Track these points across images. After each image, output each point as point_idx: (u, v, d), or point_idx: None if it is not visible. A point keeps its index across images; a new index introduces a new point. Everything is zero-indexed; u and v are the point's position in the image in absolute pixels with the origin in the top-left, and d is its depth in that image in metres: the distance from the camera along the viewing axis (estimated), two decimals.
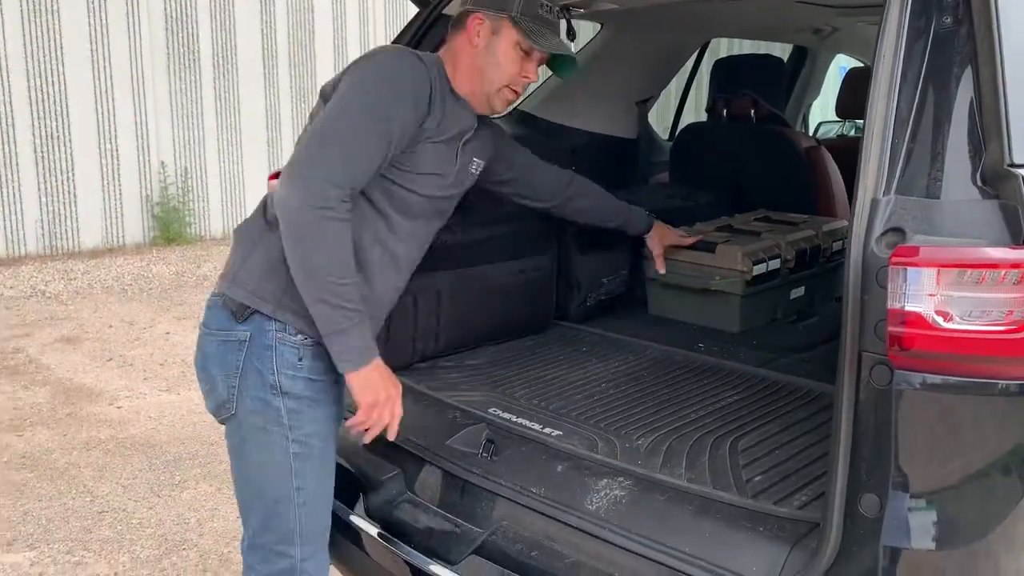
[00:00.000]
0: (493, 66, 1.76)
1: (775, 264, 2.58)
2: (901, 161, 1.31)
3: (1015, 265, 1.16)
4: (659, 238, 2.51)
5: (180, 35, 8.23)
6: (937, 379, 1.19)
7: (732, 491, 1.58)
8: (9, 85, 7.25)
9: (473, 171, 1.90)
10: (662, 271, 2.56)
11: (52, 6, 7.39)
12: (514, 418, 1.92)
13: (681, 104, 3.87)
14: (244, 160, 8.77)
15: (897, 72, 1.34)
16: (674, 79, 3.56)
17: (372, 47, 2.44)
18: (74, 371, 4.85)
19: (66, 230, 7.70)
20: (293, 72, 9.00)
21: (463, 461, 1.81)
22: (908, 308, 1.18)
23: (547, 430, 1.86)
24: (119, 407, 4.34)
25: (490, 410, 1.96)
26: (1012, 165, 1.23)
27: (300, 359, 1.66)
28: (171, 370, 4.90)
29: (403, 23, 2.53)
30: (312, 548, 1.72)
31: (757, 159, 3.10)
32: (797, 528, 1.44)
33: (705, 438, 1.83)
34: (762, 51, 3.93)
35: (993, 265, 1.16)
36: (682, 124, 3.75)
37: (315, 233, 1.54)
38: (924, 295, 1.17)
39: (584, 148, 2.93)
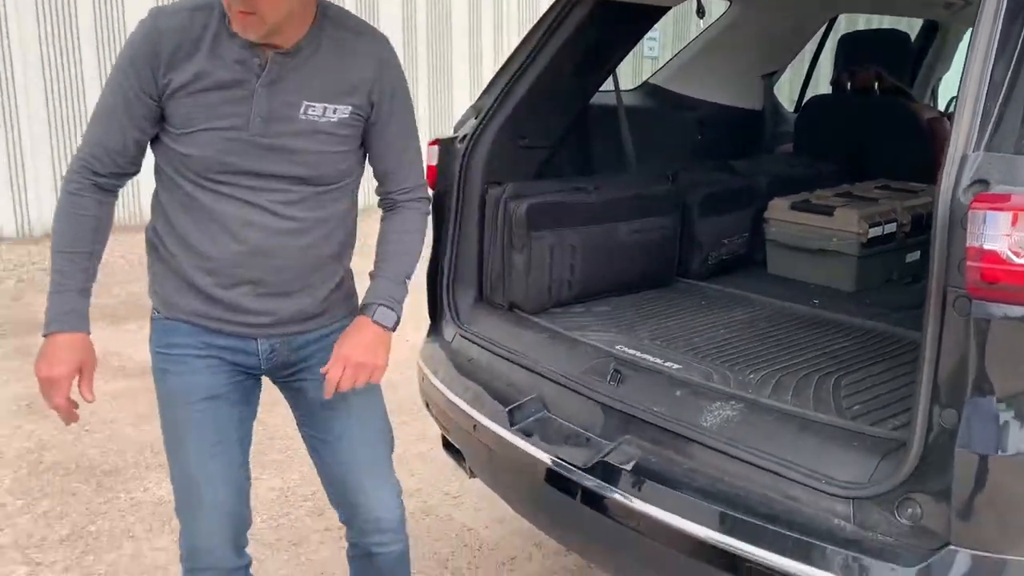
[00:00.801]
0: None
1: (891, 228, 2.73)
2: (992, 122, 1.49)
3: None
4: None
5: None
6: (1010, 309, 1.38)
7: (832, 415, 1.80)
8: None
9: (306, 116, 1.70)
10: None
11: None
12: (638, 354, 2.19)
13: (807, 77, 3.99)
14: None
15: (994, 43, 1.52)
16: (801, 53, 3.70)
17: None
18: None
19: None
20: (431, 36, 9.38)
21: (592, 387, 2.10)
22: (986, 247, 1.37)
23: (667, 364, 2.12)
24: None
25: (616, 347, 2.24)
26: None
27: (154, 332, 1.82)
28: None
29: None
30: (179, 506, 1.86)
31: (879, 130, 3.22)
32: (888, 445, 1.65)
33: (812, 375, 2.05)
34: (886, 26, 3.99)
35: None
36: (807, 97, 3.88)
37: (58, 205, 1.71)
38: (1000, 236, 1.36)
39: (710, 119, 3.14)
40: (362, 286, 1.93)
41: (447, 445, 2.64)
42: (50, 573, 2.76)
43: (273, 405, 2.38)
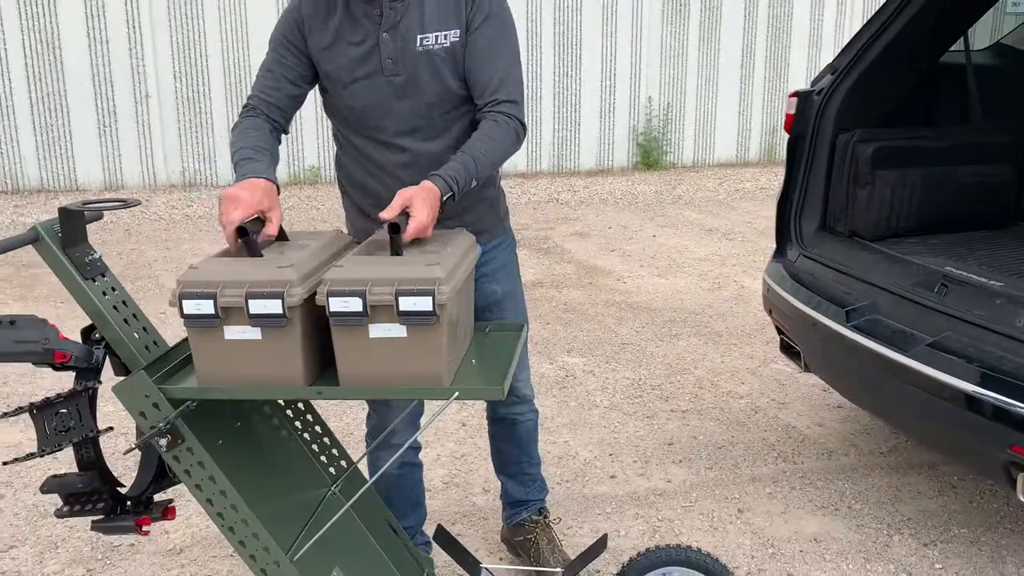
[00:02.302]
0: None
1: None
2: None
3: None
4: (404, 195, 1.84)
5: None
6: None
7: None
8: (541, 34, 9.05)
9: (426, 46, 1.90)
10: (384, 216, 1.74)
11: None
12: (964, 273, 2.61)
13: None
14: (719, 97, 9.77)
15: None
16: None
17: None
18: (588, 255, 6.30)
19: (569, 152, 9.43)
20: (771, 12, 9.69)
21: (921, 294, 2.57)
22: None
23: (991, 282, 2.53)
24: (624, 282, 5.65)
25: (945, 267, 2.67)
26: None
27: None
28: (660, 262, 6.13)
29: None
30: None
31: None
32: None
33: None
34: None
35: None
36: None
37: (233, 132, 1.95)
38: None
39: None
40: None
41: (785, 347, 3.22)
42: (451, 408, 3.75)
43: (620, 320, 3.00)
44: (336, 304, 1.50)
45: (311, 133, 8.41)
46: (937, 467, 3.21)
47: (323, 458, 2.07)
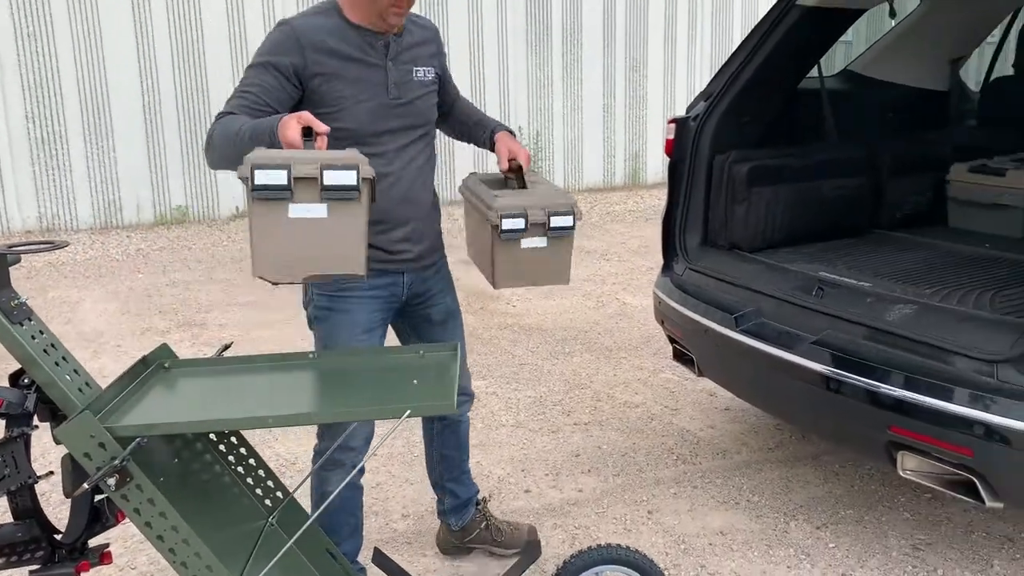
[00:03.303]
0: None
1: None
2: None
3: None
4: (501, 145, 2.43)
5: (536, 13, 9.77)
6: None
7: (986, 311, 2.45)
8: None
9: (419, 78, 2.24)
10: (504, 167, 2.39)
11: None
12: (837, 276, 2.89)
13: (993, 60, 4.43)
14: (584, 125, 10.17)
15: None
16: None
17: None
18: (477, 282, 6.37)
19: (448, 183, 9.57)
20: (628, 43, 10.20)
21: (801, 298, 2.83)
22: None
23: (860, 283, 2.81)
24: (514, 306, 5.80)
25: (820, 272, 2.95)
26: None
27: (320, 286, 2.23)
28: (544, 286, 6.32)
29: None
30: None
31: None
32: None
33: (975, 290, 2.69)
34: None
35: None
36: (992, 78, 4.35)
37: (214, 130, 2.01)
38: None
39: (901, 99, 3.74)
40: None
41: (678, 355, 3.44)
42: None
43: (515, 342, 3.14)
44: (509, 224, 2.02)
45: (176, 171, 8.19)
46: (820, 458, 3.49)
47: (259, 490, 2.08)
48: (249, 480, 2.07)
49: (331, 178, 1.64)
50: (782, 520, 3.05)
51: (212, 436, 2.02)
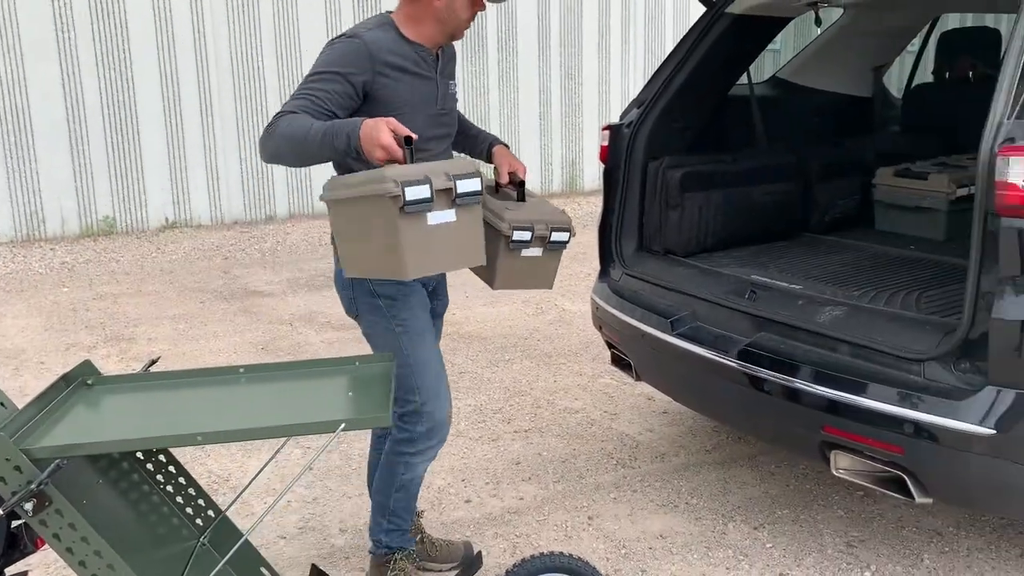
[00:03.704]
0: (452, 15, 2.29)
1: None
2: (1022, 99, 2.18)
3: None
4: (502, 164, 2.57)
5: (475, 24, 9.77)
6: None
7: (913, 311, 2.52)
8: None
9: (452, 91, 2.44)
10: (504, 180, 2.54)
11: (254, 10, 9.14)
12: (769, 280, 2.94)
13: (914, 68, 4.59)
14: (521, 133, 10.20)
15: None
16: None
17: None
18: None
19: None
20: (563, 51, 10.27)
21: (734, 301, 2.86)
22: (1009, 180, 2.08)
23: (792, 286, 2.87)
24: (453, 314, 5.76)
25: (752, 276, 3.00)
26: None
27: None
28: (486, 292, 6.30)
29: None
30: (427, 395, 2.35)
31: (973, 112, 3.82)
32: (949, 326, 2.36)
33: (901, 291, 2.76)
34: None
35: None
36: (913, 84, 4.50)
37: (281, 126, 2.12)
38: (1019, 173, 2.06)
39: (827, 105, 3.83)
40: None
41: (616, 360, 3.45)
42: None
43: (455, 350, 3.06)
44: (518, 235, 2.27)
45: (103, 180, 7.95)
46: (757, 458, 3.54)
47: (189, 509, 2.01)
48: (179, 499, 2.01)
49: (462, 187, 1.92)
50: (720, 522, 3.08)
51: (139, 455, 1.96)
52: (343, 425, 1.57)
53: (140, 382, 1.90)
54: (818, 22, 3.12)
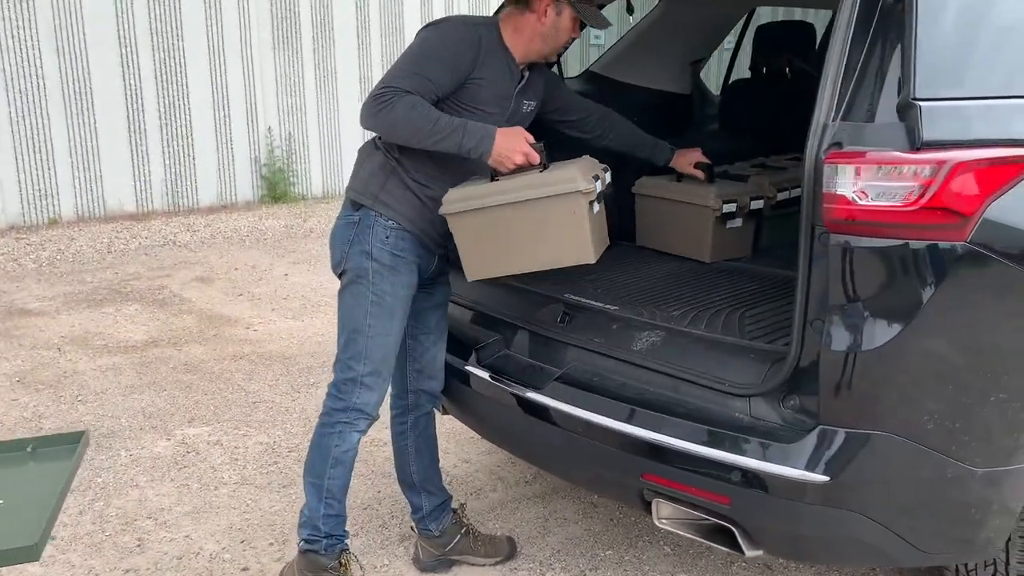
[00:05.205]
0: (554, 36, 2.42)
1: (797, 192, 3.17)
2: (847, 98, 1.92)
3: (909, 163, 1.78)
4: (684, 158, 2.97)
5: (284, 11, 9.07)
6: (858, 240, 1.81)
7: (735, 337, 2.24)
8: (138, 61, 8.20)
9: (525, 110, 2.50)
10: (691, 169, 2.95)
11: None
12: (583, 299, 2.60)
13: (731, 63, 4.44)
14: (341, 124, 9.60)
15: (850, 36, 1.94)
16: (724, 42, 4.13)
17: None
18: (211, 303, 5.72)
19: (186, 188, 8.65)
20: (384, 41, 9.75)
21: (546, 326, 2.51)
22: (838, 192, 1.80)
23: (607, 306, 2.54)
24: (255, 330, 5.18)
25: (565, 294, 2.65)
26: (915, 99, 1.83)
27: (387, 237, 2.34)
28: (293, 303, 5.74)
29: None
30: (371, 368, 2.37)
31: (791, 109, 3.65)
32: (776, 355, 2.09)
33: (723, 310, 2.48)
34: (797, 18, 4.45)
35: (894, 162, 1.78)
36: (731, 81, 4.33)
37: (398, 107, 2.20)
38: (848, 183, 1.79)
39: (644, 102, 3.56)
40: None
41: None
42: (66, 516, 3.07)
43: (251, 374, 2.69)
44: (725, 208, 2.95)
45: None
46: (578, 490, 3.23)
47: None
48: None
49: (606, 184, 2.36)
50: (538, 570, 2.73)
51: None
52: None
53: None
54: (630, 10, 2.82)
